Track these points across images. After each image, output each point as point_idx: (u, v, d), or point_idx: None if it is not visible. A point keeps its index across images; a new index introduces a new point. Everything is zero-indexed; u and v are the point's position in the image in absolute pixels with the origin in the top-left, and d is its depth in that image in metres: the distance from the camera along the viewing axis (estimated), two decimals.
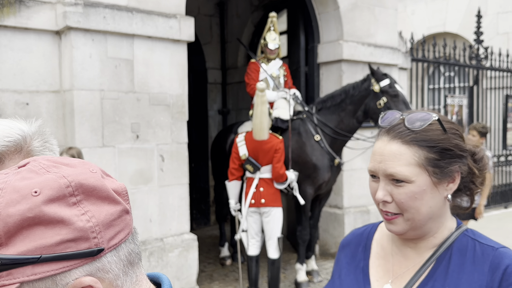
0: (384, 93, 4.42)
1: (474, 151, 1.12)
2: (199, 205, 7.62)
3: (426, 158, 1.03)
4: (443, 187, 1.06)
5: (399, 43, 6.47)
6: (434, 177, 1.04)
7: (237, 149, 4.27)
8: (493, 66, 8.53)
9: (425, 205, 1.05)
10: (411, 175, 1.03)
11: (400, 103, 4.43)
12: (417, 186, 1.03)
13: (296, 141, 4.72)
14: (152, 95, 4.16)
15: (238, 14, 7.93)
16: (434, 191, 1.05)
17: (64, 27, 3.72)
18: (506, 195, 8.94)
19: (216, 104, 8.19)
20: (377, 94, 4.43)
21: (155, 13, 4.09)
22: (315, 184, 4.64)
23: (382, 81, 4.43)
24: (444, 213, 1.11)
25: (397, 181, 1.04)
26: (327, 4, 5.66)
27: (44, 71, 3.85)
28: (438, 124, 1.06)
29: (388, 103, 4.40)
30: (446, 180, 1.06)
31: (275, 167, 4.17)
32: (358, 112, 4.56)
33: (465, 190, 1.13)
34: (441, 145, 1.05)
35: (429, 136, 1.05)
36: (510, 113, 8.90)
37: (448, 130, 1.07)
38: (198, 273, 4.86)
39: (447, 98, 7.62)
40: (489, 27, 9.93)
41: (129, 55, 4.00)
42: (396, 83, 4.53)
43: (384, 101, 4.41)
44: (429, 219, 1.07)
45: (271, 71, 5.17)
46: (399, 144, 1.05)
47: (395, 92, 4.40)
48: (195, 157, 7.59)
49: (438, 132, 1.06)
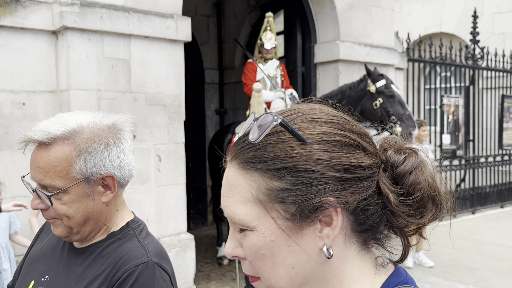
0: (380, 93, 4.44)
1: (393, 162, 0.70)
2: (196, 205, 7.63)
3: (267, 189, 0.66)
4: (312, 234, 0.67)
5: (396, 43, 6.49)
6: (286, 220, 0.66)
7: None
8: (489, 66, 8.57)
9: (282, 266, 0.68)
10: (250, 219, 0.67)
11: (396, 104, 4.44)
12: (260, 237, 0.67)
13: None
14: (149, 95, 4.16)
15: (235, 14, 7.94)
16: (292, 242, 0.67)
17: (60, 27, 3.73)
18: (502, 194, 8.98)
19: (214, 104, 8.20)
20: (373, 94, 4.45)
21: (152, 13, 4.10)
22: None
23: (378, 81, 4.45)
24: (335, 275, 0.70)
25: (240, 228, 0.69)
26: (323, 4, 5.68)
27: (41, 71, 3.85)
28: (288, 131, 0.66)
29: (384, 103, 4.42)
30: (313, 223, 0.66)
31: None
32: (355, 112, 4.56)
33: (381, 232, 0.71)
34: (292, 164, 0.65)
35: (274, 153, 0.66)
36: (506, 113, 8.93)
37: (313, 137, 0.66)
38: (195, 272, 4.86)
39: (443, 98, 7.65)
40: (485, 27, 9.97)
41: (126, 55, 4.01)
42: (392, 83, 4.55)
43: (380, 101, 4.43)
44: (301, 285, 0.70)
45: (268, 71, 5.19)
46: (235, 169, 0.69)
47: (391, 92, 4.42)
48: (192, 157, 7.59)
49: (288, 144, 0.66)
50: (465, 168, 8.24)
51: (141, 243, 1.19)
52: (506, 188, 9.05)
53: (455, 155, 7.89)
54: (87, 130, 1.14)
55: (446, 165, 7.82)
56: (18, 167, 3.78)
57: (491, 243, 6.33)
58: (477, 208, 8.44)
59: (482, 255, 5.82)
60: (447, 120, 7.71)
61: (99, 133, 1.15)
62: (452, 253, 5.92)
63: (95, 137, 1.14)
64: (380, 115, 4.49)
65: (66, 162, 1.11)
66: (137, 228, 1.25)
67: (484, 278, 4.96)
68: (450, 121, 7.77)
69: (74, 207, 1.14)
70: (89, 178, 1.13)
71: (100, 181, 1.16)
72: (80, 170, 1.12)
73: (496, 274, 5.10)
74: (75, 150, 1.12)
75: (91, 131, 1.14)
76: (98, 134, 1.14)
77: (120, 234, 1.22)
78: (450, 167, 7.90)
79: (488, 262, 5.51)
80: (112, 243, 1.19)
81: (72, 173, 1.12)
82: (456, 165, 8.03)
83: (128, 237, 1.21)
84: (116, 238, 1.21)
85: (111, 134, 1.16)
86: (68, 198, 1.13)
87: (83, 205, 1.15)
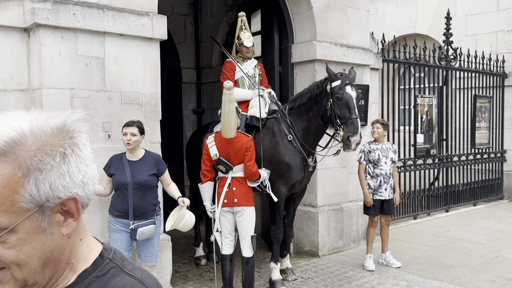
0: (333, 94, 4.29)
1: None
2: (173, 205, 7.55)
3: None
4: None
5: (371, 44, 6.57)
6: None
7: (208, 150, 4.25)
8: (462, 67, 8.76)
9: None
10: None
11: (343, 107, 4.26)
12: None
13: (270, 140, 4.72)
14: (124, 94, 4.10)
15: (212, 13, 7.91)
16: None
17: (32, 24, 3.64)
18: (475, 192, 9.19)
19: (191, 104, 8.15)
20: (328, 94, 4.34)
21: (127, 10, 4.04)
22: (288, 183, 4.65)
23: (334, 81, 4.31)
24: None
25: None
26: (300, 5, 5.71)
27: (12, 69, 3.75)
28: None
29: (333, 105, 4.29)
30: None
31: (247, 166, 4.17)
32: (321, 111, 4.48)
33: None
34: None
35: None
36: (478, 112, 9.14)
37: None
38: (173, 273, 4.82)
39: (417, 98, 7.78)
40: (458, 28, 10.19)
41: (100, 53, 3.94)
42: (349, 84, 4.31)
43: (330, 102, 4.31)
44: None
45: (246, 70, 5.18)
46: None
47: (339, 94, 4.25)
48: (169, 156, 7.53)
49: None
50: (439, 167, 8.41)
51: (135, 277, 0.91)
52: (479, 186, 9.26)
53: (429, 154, 8.04)
54: (31, 138, 0.80)
55: (420, 164, 7.96)
56: None
57: (464, 240, 6.47)
58: (451, 206, 8.62)
59: (456, 252, 5.94)
60: (421, 119, 7.85)
61: (49, 140, 0.81)
62: (426, 250, 6.03)
63: (45, 147, 0.80)
64: (329, 116, 4.39)
65: (8, 189, 0.78)
66: (115, 259, 0.94)
67: (458, 275, 5.06)
68: (424, 121, 7.90)
69: (26, 250, 0.81)
70: (44, 205, 0.81)
71: (58, 207, 0.83)
72: (31, 197, 0.79)
73: (470, 271, 5.21)
74: (19, 170, 0.78)
75: (37, 139, 0.80)
76: (48, 142, 0.81)
77: (97, 271, 0.90)
78: (424, 166, 8.04)
79: (462, 259, 5.62)
80: (90, 285, 0.88)
81: (18, 203, 0.79)
82: (429, 164, 8.18)
83: (111, 272, 0.91)
84: (94, 277, 0.89)
85: (64, 139, 0.83)
86: (17, 239, 0.80)
87: (38, 245, 0.82)
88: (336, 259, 5.70)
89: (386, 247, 5.48)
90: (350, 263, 5.52)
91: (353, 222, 6.15)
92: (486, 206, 9.05)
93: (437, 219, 7.91)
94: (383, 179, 5.23)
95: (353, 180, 6.15)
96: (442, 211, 8.43)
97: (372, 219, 5.37)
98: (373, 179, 5.26)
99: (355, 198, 6.24)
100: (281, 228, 4.71)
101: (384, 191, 5.23)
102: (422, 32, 10.92)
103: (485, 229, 7.11)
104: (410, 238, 6.66)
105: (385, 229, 5.44)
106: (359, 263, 5.48)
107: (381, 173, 5.23)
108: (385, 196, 5.24)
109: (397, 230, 6.95)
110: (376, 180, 5.25)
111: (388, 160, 5.26)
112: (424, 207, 8.13)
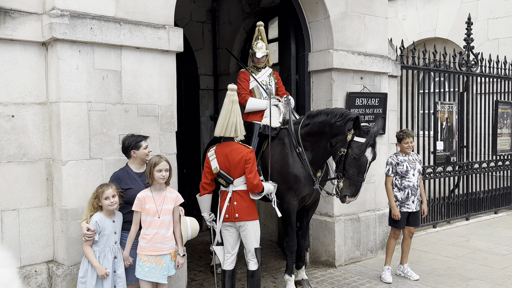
0: (350, 147, 4.15)
1: None
2: (191, 211, 7.59)
3: None
4: None
5: (389, 51, 6.49)
6: None
7: (209, 163, 4.12)
8: (483, 72, 8.58)
9: None
10: None
11: (354, 166, 4.15)
12: None
13: (280, 152, 4.67)
14: (140, 106, 4.13)
15: (230, 21, 7.93)
16: None
17: (50, 39, 3.69)
18: (496, 200, 8.99)
19: (208, 110, 8.18)
20: (346, 142, 4.18)
21: (144, 24, 4.07)
22: (298, 195, 4.58)
23: (358, 137, 4.13)
24: None
25: None
26: (317, 13, 5.67)
27: (30, 83, 3.81)
28: None
29: (346, 156, 4.17)
30: None
31: (249, 178, 4.00)
32: (332, 145, 4.36)
33: None
34: None
35: None
36: (500, 118, 8.94)
37: None
38: (188, 281, 4.83)
39: (437, 104, 7.64)
40: (479, 32, 9.99)
41: (116, 66, 3.97)
42: (371, 146, 4.16)
43: (344, 152, 4.19)
44: None
45: (261, 79, 5.17)
46: None
47: (357, 154, 4.10)
48: (187, 163, 7.57)
49: None
50: (459, 174, 8.25)
51: None
52: (500, 194, 9.06)
53: (449, 161, 7.89)
54: None
55: (440, 172, 7.82)
56: (7, 180, 3.74)
57: (484, 251, 6.33)
58: (471, 214, 8.45)
59: (475, 263, 5.81)
60: (440, 126, 7.71)
61: None
62: (445, 261, 5.92)
63: None
64: (336, 160, 4.30)
65: None
66: None
67: None
68: (444, 128, 7.77)
69: None
70: None
71: None
72: None
73: (490, 284, 5.09)
74: None
75: None
76: None
77: None
78: (444, 173, 7.90)
79: (482, 271, 5.50)
80: None
81: None
82: (449, 171, 8.03)
83: None
84: None
85: None
86: None
87: None
88: (353, 269, 5.64)
89: (405, 259, 5.38)
90: (367, 274, 5.45)
91: (370, 232, 6.07)
92: (508, 214, 8.85)
93: (457, 228, 7.76)
94: (410, 191, 5.13)
95: (370, 189, 6.08)
96: (462, 219, 8.27)
97: (394, 231, 5.28)
98: (401, 192, 5.14)
99: (373, 207, 6.16)
100: (294, 240, 4.67)
101: (411, 203, 5.14)
102: (442, 36, 10.74)
103: (506, 239, 6.95)
104: (429, 248, 6.54)
105: (407, 240, 5.34)
106: (376, 274, 5.41)
107: (409, 185, 5.12)
108: (412, 208, 5.15)
109: (416, 239, 6.83)
110: (403, 192, 5.14)
111: (416, 172, 5.15)
112: (444, 215, 7.98)
